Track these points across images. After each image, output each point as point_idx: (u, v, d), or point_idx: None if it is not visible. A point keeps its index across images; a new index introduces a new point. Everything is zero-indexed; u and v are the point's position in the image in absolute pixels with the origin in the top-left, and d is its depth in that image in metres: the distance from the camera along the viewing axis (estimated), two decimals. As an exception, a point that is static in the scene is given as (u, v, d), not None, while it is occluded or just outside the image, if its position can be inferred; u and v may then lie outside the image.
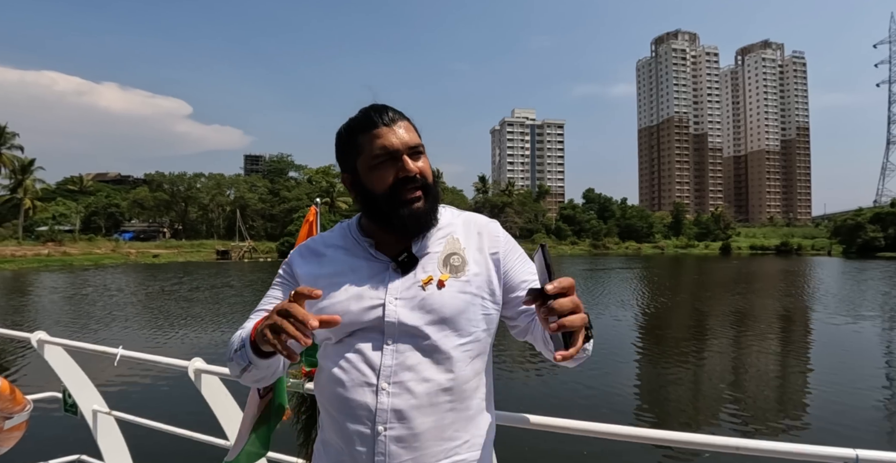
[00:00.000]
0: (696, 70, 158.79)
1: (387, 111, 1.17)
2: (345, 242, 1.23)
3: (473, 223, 1.25)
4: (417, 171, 1.15)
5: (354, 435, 1.09)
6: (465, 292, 1.14)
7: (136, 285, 28.22)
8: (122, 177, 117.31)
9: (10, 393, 2.45)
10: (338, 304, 1.13)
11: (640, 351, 12.00)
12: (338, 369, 1.12)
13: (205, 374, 2.10)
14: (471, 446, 1.13)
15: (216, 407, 2.11)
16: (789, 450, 1.23)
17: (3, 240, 58.13)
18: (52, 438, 4.89)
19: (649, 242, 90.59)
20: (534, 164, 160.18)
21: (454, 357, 1.11)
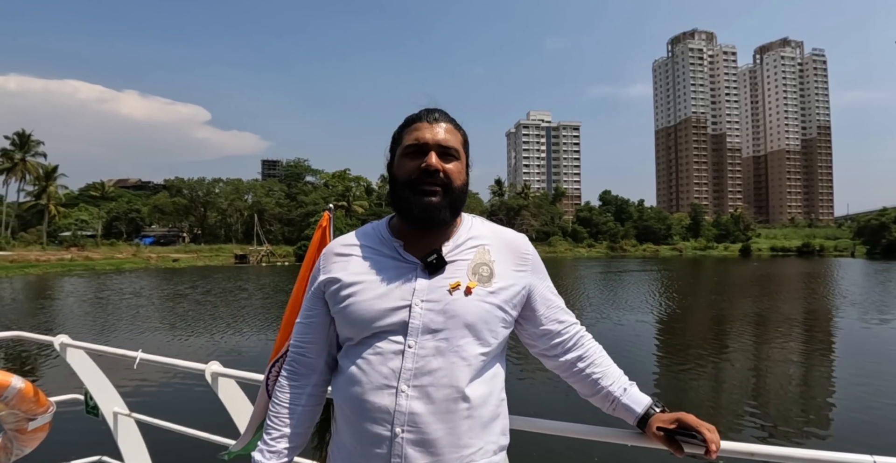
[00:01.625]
0: (714, 70, 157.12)
1: (434, 112, 1.26)
2: (373, 242, 1.25)
3: (504, 238, 1.28)
4: (440, 167, 1.18)
5: (372, 437, 1.11)
6: (490, 302, 1.17)
7: (156, 289, 28.62)
8: (142, 183, 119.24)
9: (33, 395, 2.51)
10: (364, 302, 1.16)
11: (658, 355, 11.88)
12: (358, 370, 1.14)
13: (221, 377, 2.13)
14: (485, 453, 1.15)
15: (232, 409, 2.14)
16: (805, 456, 1.19)
17: (27, 245, 59.42)
18: (74, 439, 4.99)
19: (667, 243, 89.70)
20: (549, 166, 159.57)
21: (473, 365, 1.14)
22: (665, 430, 1.19)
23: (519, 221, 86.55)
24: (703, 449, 1.14)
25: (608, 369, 1.29)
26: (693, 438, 1.16)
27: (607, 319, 16.79)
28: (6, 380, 2.43)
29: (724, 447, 1.20)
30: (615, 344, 12.58)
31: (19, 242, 60.48)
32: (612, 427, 1.33)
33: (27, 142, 63.25)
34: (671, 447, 1.19)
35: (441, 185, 1.19)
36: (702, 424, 1.15)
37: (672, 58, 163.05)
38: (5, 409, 2.46)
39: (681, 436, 1.18)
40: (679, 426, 1.18)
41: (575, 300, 22.50)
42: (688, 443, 1.17)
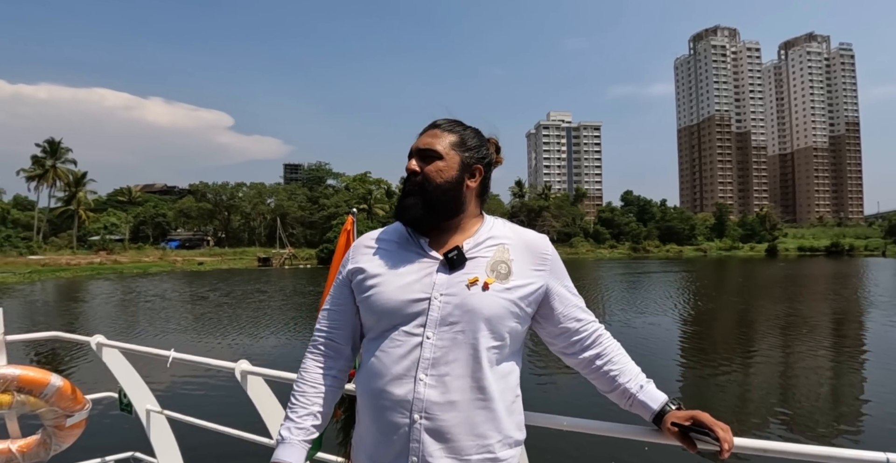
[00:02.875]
0: (737, 66, 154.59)
1: (435, 122, 1.36)
2: (400, 238, 1.32)
3: (524, 238, 1.33)
4: (416, 169, 1.29)
5: (392, 424, 1.17)
6: (506, 299, 1.22)
7: (179, 292, 29.17)
8: (168, 187, 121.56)
9: (71, 393, 2.61)
10: (387, 292, 1.23)
11: (682, 356, 11.74)
12: (378, 361, 1.21)
13: (250, 375, 2.20)
14: (501, 445, 1.20)
15: (261, 407, 2.20)
16: (819, 453, 1.19)
17: (59, 249, 61.03)
18: (109, 435, 5.14)
19: (691, 244, 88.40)
20: (570, 166, 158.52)
21: (488, 357, 1.19)
22: (680, 426, 1.22)
23: (540, 223, 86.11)
24: (717, 447, 1.17)
25: (626, 367, 1.31)
26: (707, 436, 1.19)
27: (629, 321, 16.65)
28: (46, 378, 2.54)
29: (737, 444, 1.21)
30: (638, 345, 12.48)
31: (51, 246, 62.16)
32: (629, 424, 1.35)
33: (57, 149, 65.05)
34: (685, 443, 1.22)
35: (417, 185, 1.28)
36: (716, 424, 1.19)
37: (694, 55, 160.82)
38: (45, 406, 2.56)
39: (695, 433, 1.21)
40: (694, 423, 1.21)
41: (597, 301, 22.34)
42: (701, 440, 1.21)
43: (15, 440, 2.69)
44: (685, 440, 1.22)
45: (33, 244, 59.60)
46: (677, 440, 1.23)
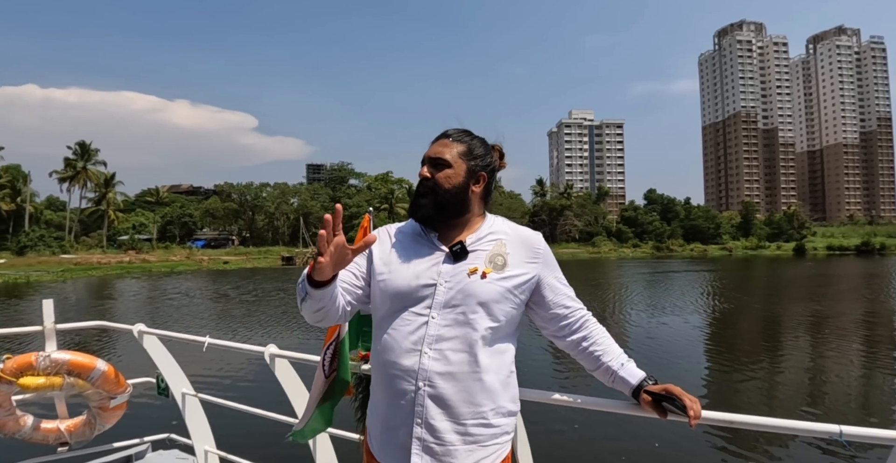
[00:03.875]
0: (764, 62, 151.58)
1: (445, 131, 1.52)
2: (413, 231, 1.51)
3: (520, 234, 1.50)
4: (427, 175, 1.46)
5: (400, 391, 1.36)
6: (501, 286, 1.39)
7: (203, 290, 29.83)
8: (194, 188, 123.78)
9: (114, 377, 2.85)
10: (399, 279, 1.41)
11: (707, 357, 11.66)
12: (389, 337, 1.39)
13: (278, 358, 2.39)
14: (495, 414, 1.37)
15: (288, 388, 2.39)
16: (780, 425, 1.35)
17: (89, 248, 62.68)
18: (147, 417, 5.43)
19: (716, 243, 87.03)
20: (593, 165, 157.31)
21: (484, 335, 1.36)
22: (652, 394, 1.38)
23: (562, 222, 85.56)
24: (685, 416, 1.33)
25: (609, 348, 1.48)
26: (676, 406, 1.34)
27: (649, 320, 16.61)
28: (92, 363, 2.77)
29: (706, 416, 1.36)
30: (659, 346, 12.46)
31: (82, 245, 63.87)
32: (612, 398, 1.51)
33: (88, 151, 66.86)
34: (657, 411, 1.39)
35: (429, 189, 1.45)
36: (685, 394, 1.35)
37: (719, 51, 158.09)
38: (91, 388, 2.80)
39: (666, 401, 1.36)
40: (666, 394, 1.37)
41: (617, 301, 22.28)
42: (671, 409, 1.36)
43: (63, 420, 2.94)
44: (657, 409, 1.38)
45: (65, 244, 61.32)
46: (651, 409, 1.39)
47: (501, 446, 1.39)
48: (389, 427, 1.38)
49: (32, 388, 2.64)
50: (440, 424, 1.33)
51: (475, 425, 1.35)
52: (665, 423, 1.42)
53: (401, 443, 1.35)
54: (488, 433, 1.36)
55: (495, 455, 1.37)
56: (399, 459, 1.35)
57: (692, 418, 1.32)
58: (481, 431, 1.35)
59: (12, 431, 2.75)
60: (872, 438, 1.30)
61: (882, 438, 1.29)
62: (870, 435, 1.30)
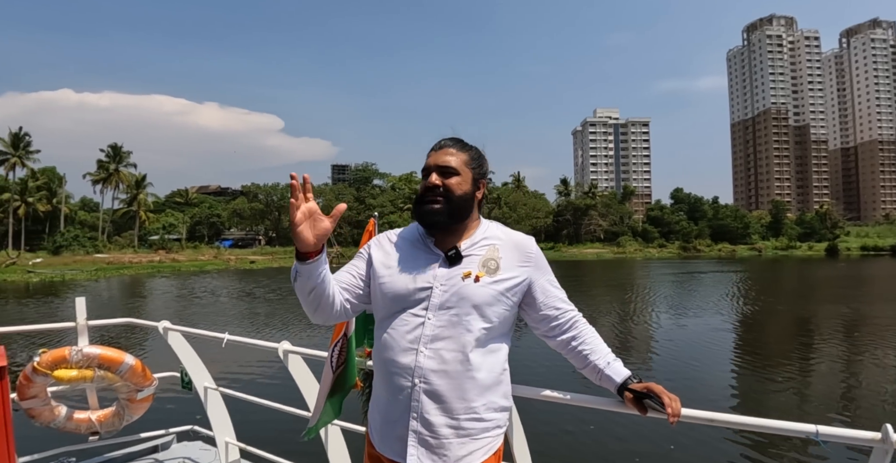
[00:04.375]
0: (795, 57, 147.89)
1: (443, 141, 1.59)
2: (412, 237, 1.59)
3: (513, 239, 1.57)
4: (438, 183, 1.52)
5: (398, 387, 1.44)
6: (494, 289, 1.47)
7: (229, 288, 30.45)
8: (221, 189, 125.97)
9: (141, 371, 3.02)
10: (397, 282, 1.49)
11: (734, 362, 11.48)
12: (389, 336, 1.48)
13: (291, 354, 2.52)
14: (487, 409, 1.45)
15: (300, 382, 2.52)
16: (758, 424, 1.38)
17: (121, 248, 64.42)
18: (172, 410, 5.66)
19: (745, 243, 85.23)
20: (618, 164, 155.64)
21: (477, 336, 1.44)
22: (634, 392, 1.44)
23: (586, 222, 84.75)
24: (664, 413, 1.38)
25: (596, 347, 1.54)
26: (656, 404, 1.39)
27: (676, 322, 16.45)
28: (121, 357, 2.95)
29: (686, 414, 1.41)
30: (682, 348, 12.34)
31: (114, 245, 65.67)
32: (598, 396, 1.59)
33: (119, 153, 68.70)
34: (638, 408, 1.44)
35: (441, 195, 1.51)
36: (665, 393, 1.40)
37: (748, 46, 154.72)
38: (119, 381, 2.97)
39: (646, 399, 1.42)
40: (648, 392, 1.42)
41: (642, 302, 22.08)
42: (651, 406, 1.42)
43: (94, 411, 3.12)
44: (638, 406, 1.44)
45: (99, 243, 63.12)
46: (633, 406, 1.45)
47: (493, 440, 1.47)
48: (388, 420, 1.48)
49: (66, 380, 2.81)
50: (435, 418, 1.41)
51: (467, 420, 1.43)
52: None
53: (398, 435, 1.44)
54: (480, 427, 1.44)
55: (487, 448, 1.45)
56: (397, 451, 1.44)
57: (671, 416, 1.37)
58: (473, 425, 1.43)
59: (47, 421, 2.93)
60: (849, 439, 1.30)
61: (858, 439, 1.29)
62: (846, 435, 1.30)
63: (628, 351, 12.43)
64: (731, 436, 6.47)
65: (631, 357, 11.62)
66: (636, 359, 11.50)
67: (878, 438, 1.27)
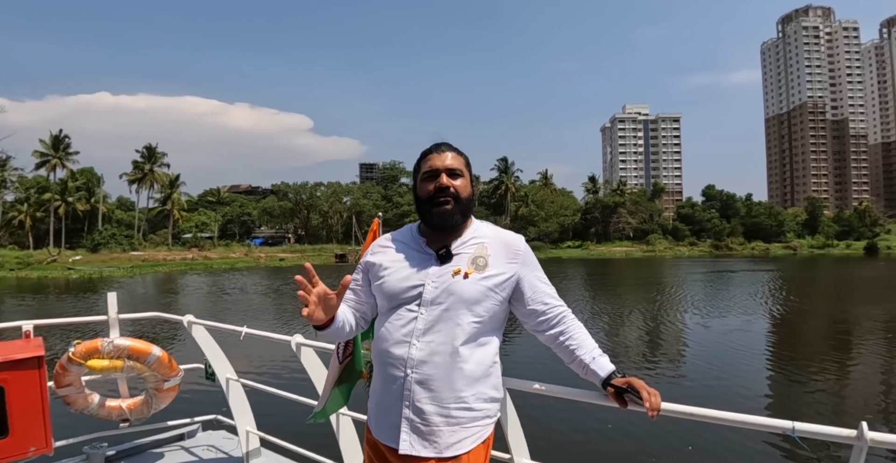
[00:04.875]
0: (832, 48, 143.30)
1: (441, 145, 1.68)
2: (406, 239, 1.69)
3: (501, 238, 1.66)
4: (450, 185, 1.61)
5: (392, 377, 1.54)
6: (482, 285, 1.55)
7: (257, 285, 31.07)
8: (252, 188, 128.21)
9: (167, 361, 3.19)
10: (392, 281, 1.59)
11: (768, 365, 11.24)
12: (385, 330, 1.59)
13: (303, 346, 2.65)
14: (476, 399, 1.54)
15: (312, 373, 2.65)
16: (736, 419, 1.43)
17: (156, 246, 66.19)
18: (197, 399, 5.90)
19: (780, 241, 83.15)
20: (648, 161, 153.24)
21: (467, 330, 1.53)
22: (615, 387, 1.51)
23: (615, 219, 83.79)
24: (643, 406, 1.44)
25: (584, 342, 1.61)
26: (636, 398, 1.46)
27: (709, 323, 16.24)
28: (148, 348, 3.12)
29: (667, 408, 1.47)
30: (711, 351, 12.17)
31: (149, 243, 67.53)
32: (584, 389, 1.66)
33: (154, 154, 70.59)
34: (618, 402, 1.51)
35: (452, 196, 1.60)
36: (644, 387, 1.46)
37: (783, 38, 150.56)
38: (147, 371, 3.15)
39: (627, 393, 1.48)
40: (629, 387, 1.48)
41: (672, 302, 21.81)
42: (631, 400, 1.48)
43: (125, 399, 3.31)
44: (619, 400, 1.51)
45: (134, 241, 65.00)
46: (614, 399, 1.52)
47: (482, 429, 1.56)
48: (383, 409, 1.58)
49: (98, 369, 3.00)
50: (426, 406, 1.50)
51: (457, 409, 1.51)
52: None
53: (392, 422, 1.54)
54: (469, 416, 1.53)
55: (476, 436, 1.54)
56: (391, 437, 1.54)
57: (649, 409, 1.43)
58: (463, 414, 1.52)
59: (82, 408, 3.13)
60: (826, 436, 1.32)
61: (835, 436, 1.31)
62: (823, 432, 1.32)
63: (656, 351, 12.33)
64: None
65: (660, 358, 11.53)
66: (665, 360, 11.41)
67: (853, 436, 1.29)
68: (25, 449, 2.67)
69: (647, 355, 11.80)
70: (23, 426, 2.65)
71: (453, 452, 1.50)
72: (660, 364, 11.00)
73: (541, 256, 40.15)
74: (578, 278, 35.22)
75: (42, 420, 2.72)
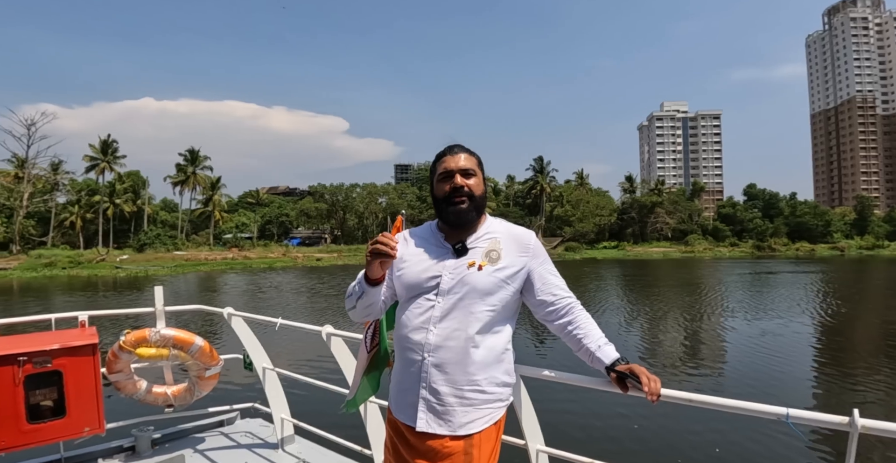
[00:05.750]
0: (883, 39, 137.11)
1: (454, 147, 1.82)
2: (426, 234, 1.83)
3: (513, 233, 1.79)
4: (464, 184, 1.74)
5: (410, 360, 1.70)
6: (495, 277, 1.68)
7: (293, 283, 31.77)
8: (290, 189, 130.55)
9: (209, 351, 3.40)
10: (412, 273, 1.74)
11: (816, 369, 10.99)
12: (405, 317, 1.73)
13: (333, 336, 2.81)
14: (489, 383, 1.67)
15: (341, 362, 2.80)
16: (732, 405, 1.51)
17: (198, 246, 68.17)
18: (236, 388, 6.17)
19: (826, 242, 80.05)
20: (687, 159, 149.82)
21: (480, 318, 1.66)
22: (618, 372, 1.61)
23: (652, 219, 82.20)
24: (643, 392, 1.54)
25: (591, 332, 1.71)
26: (637, 383, 1.55)
27: (753, 325, 15.90)
28: (192, 338, 3.34)
29: (667, 394, 1.56)
30: (748, 355, 11.91)
31: (192, 243, 69.61)
32: (589, 376, 1.77)
33: (196, 157, 72.80)
34: (620, 387, 1.61)
35: (467, 195, 1.73)
36: (644, 373, 1.57)
37: (829, 31, 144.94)
38: (190, 359, 3.36)
39: (628, 378, 1.58)
40: (630, 373, 1.58)
41: (712, 303, 21.38)
42: (632, 385, 1.58)
43: (169, 386, 3.54)
44: (621, 385, 1.61)
45: (178, 241, 67.14)
46: (616, 385, 1.62)
47: (494, 411, 1.69)
48: (402, 390, 1.73)
49: (146, 357, 3.23)
50: (441, 388, 1.64)
51: (470, 391, 1.64)
52: (632, 399, 1.65)
53: (410, 402, 1.69)
54: (482, 398, 1.66)
55: (488, 417, 1.67)
56: (409, 416, 1.68)
57: (648, 394, 1.53)
58: (476, 395, 1.65)
59: (130, 393, 3.37)
60: (819, 422, 1.38)
61: (827, 423, 1.37)
62: (816, 419, 1.38)
63: (697, 355, 12.13)
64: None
65: (701, 361, 11.37)
66: (707, 363, 11.25)
67: (845, 422, 1.33)
68: (80, 429, 2.91)
69: (689, 359, 11.64)
70: (78, 408, 2.88)
71: (466, 430, 1.63)
72: (696, 368, 10.86)
73: (576, 257, 39.98)
74: (612, 279, 34.81)
75: (95, 403, 2.95)
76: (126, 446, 3.37)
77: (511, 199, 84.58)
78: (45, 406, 2.84)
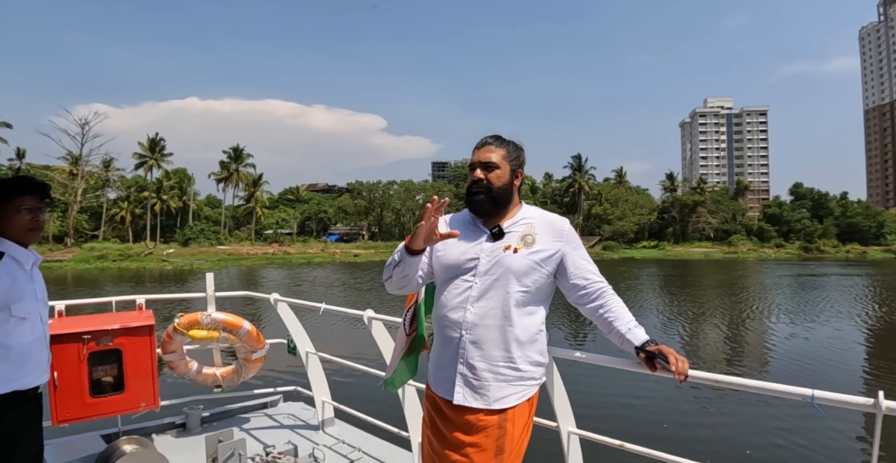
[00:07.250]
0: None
1: (485, 139, 1.91)
2: (464, 219, 1.92)
3: (547, 219, 1.87)
4: (481, 177, 1.83)
5: (448, 337, 1.80)
6: (530, 259, 1.77)
7: (328, 278, 32.41)
8: (328, 186, 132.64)
9: (256, 335, 3.57)
10: (452, 254, 1.83)
11: (863, 376, 10.65)
12: (444, 297, 1.83)
13: (374, 320, 2.93)
14: (523, 361, 1.76)
15: (381, 345, 2.92)
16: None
17: (240, 241, 70.10)
18: (280, 371, 6.42)
19: (879, 244, 76.53)
20: (731, 157, 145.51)
21: (513, 297, 1.75)
22: (647, 352, 1.67)
23: (694, 219, 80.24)
24: (671, 372, 1.60)
25: (621, 315, 1.78)
26: (665, 363, 1.61)
27: (798, 329, 15.46)
28: (240, 322, 3.52)
29: (694, 375, 1.62)
30: (795, 357, 11.60)
31: (234, 238, 71.68)
32: (619, 357, 1.85)
33: (240, 155, 74.84)
34: (649, 367, 1.68)
35: (484, 187, 1.82)
36: (672, 353, 1.63)
37: (885, 22, 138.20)
38: (239, 342, 3.54)
39: (656, 358, 1.64)
40: (659, 353, 1.65)
41: (756, 305, 20.83)
42: (661, 364, 1.64)
43: (218, 368, 3.73)
44: (649, 364, 1.67)
45: (221, 236, 69.17)
46: (645, 365, 1.69)
47: (528, 388, 1.78)
48: (441, 366, 1.83)
49: (198, 339, 3.43)
50: (478, 363, 1.73)
51: (505, 367, 1.74)
52: (660, 381, 1.71)
53: (448, 377, 1.79)
54: (516, 375, 1.75)
55: (521, 394, 1.76)
56: (447, 390, 1.79)
57: (675, 373, 1.59)
58: (510, 372, 1.74)
59: (183, 373, 3.57)
60: (844, 404, 1.39)
61: (853, 404, 1.38)
62: (842, 400, 1.39)
63: (741, 358, 11.87)
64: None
65: (746, 366, 11.12)
66: (750, 369, 10.99)
67: (870, 404, 1.36)
68: (137, 404, 3.11)
69: (732, 362, 11.39)
70: (136, 384, 3.08)
71: (500, 405, 1.72)
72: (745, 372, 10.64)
73: (613, 256, 39.43)
74: (648, 278, 34.22)
75: (151, 380, 3.15)
76: (178, 423, 3.57)
77: (548, 198, 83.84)
78: (105, 382, 3.05)
